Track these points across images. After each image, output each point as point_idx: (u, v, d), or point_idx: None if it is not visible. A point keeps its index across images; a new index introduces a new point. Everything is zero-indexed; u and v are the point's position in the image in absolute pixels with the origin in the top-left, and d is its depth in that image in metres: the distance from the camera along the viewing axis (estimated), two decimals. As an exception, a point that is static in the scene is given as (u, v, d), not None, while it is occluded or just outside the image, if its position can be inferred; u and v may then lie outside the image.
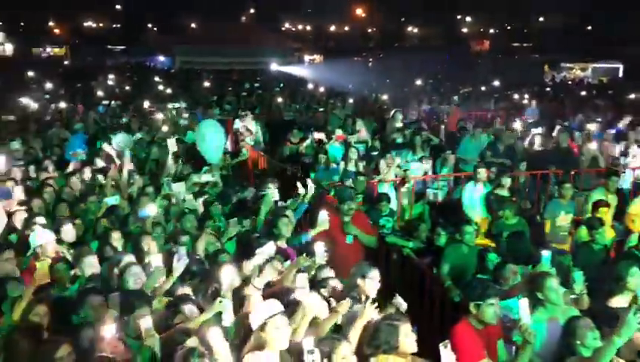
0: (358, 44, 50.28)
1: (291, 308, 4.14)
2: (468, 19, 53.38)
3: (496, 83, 24.41)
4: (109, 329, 3.77)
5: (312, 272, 5.00)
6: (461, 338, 4.05)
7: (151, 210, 6.29)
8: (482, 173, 8.12)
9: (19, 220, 6.31)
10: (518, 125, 12.65)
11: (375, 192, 8.22)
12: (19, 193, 7.03)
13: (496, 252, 6.08)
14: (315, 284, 4.75)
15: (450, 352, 3.65)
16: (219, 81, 24.98)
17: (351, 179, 8.49)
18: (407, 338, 3.72)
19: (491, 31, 51.97)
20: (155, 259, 4.92)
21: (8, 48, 46.21)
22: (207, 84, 23.05)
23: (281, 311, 3.73)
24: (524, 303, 4.04)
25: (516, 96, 20.37)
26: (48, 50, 47.22)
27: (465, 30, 53.73)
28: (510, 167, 9.60)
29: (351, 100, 17.66)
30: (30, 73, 23.64)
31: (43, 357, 3.70)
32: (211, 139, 9.53)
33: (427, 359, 3.87)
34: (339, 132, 11.29)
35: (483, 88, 23.77)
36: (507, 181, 7.99)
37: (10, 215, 6.47)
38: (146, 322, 3.88)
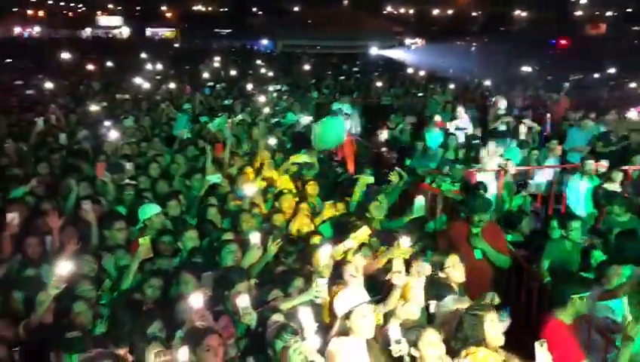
0: (462, 27, 48.65)
1: (384, 293, 4.13)
2: (583, 1, 49.97)
3: (612, 70, 22.73)
4: (197, 302, 3.91)
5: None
6: (556, 338, 3.86)
7: (249, 189, 6.48)
8: (589, 165, 7.64)
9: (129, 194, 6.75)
10: (634, 115, 11.74)
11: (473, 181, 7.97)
12: (130, 168, 7.49)
13: (603, 249, 5.72)
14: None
15: (547, 352, 3.48)
16: (318, 65, 25.18)
17: (448, 166, 8.29)
18: (493, 328, 3.57)
19: (608, 13, 48.38)
20: (253, 237, 5.06)
21: (125, 31, 49.24)
22: (307, 67, 23.32)
23: (366, 300, 3.71)
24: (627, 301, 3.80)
25: (633, 85, 18.89)
26: (160, 33, 49.78)
27: (579, 13, 50.37)
28: (623, 160, 8.95)
29: (452, 86, 17.19)
30: (143, 55, 25.04)
31: (139, 329, 3.95)
32: (332, 134, 9.62)
33: (523, 359, 3.67)
34: (438, 118, 11.04)
35: (596, 75, 22.23)
36: (618, 175, 7.46)
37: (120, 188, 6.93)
38: (243, 300, 3.99)
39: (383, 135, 11.10)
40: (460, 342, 3.59)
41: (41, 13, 56.07)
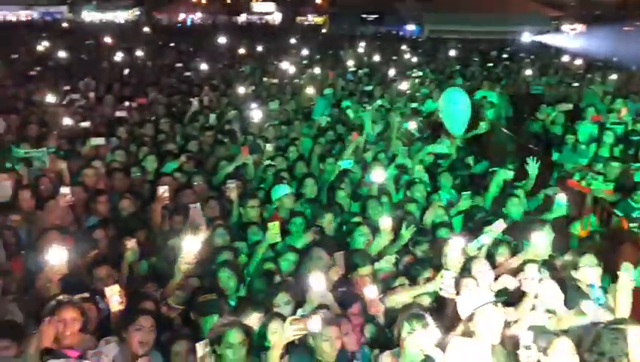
0: (632, 12, 43.99)
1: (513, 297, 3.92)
2: None
3: None
4: (318, 284, 3.98)
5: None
6: None
7: (378, 176, 6.44)
8: None
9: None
10: None
11: (631, 181, 7.24)
12: (269, 150, 7.81)
13: None
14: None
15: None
16: (465, 51, 24.28)
17: (602, 164, 7.60)
18: (638, 344, 3.25)
19: None
20: (384, 222, 5.04)
21: (277, 17, 51.26)
22: (452, 53, 22.60)
23: (491, 301, 3.53)
24: None
25: None
26: (310, 18, 51.06)
27: None
28: None
29: (614, 76, 15.66)
30: (292, 40, 25.87)
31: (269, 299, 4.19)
32: (456, 111, 9.35)
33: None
34: (592, 111, 10.14)
35: None
36: None
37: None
38: (371, 291, 4.08)
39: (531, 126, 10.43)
40: (595, 355, 3.29)
41: (203, 0, 60.24)
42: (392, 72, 16.01)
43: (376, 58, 20.42)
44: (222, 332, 3.46)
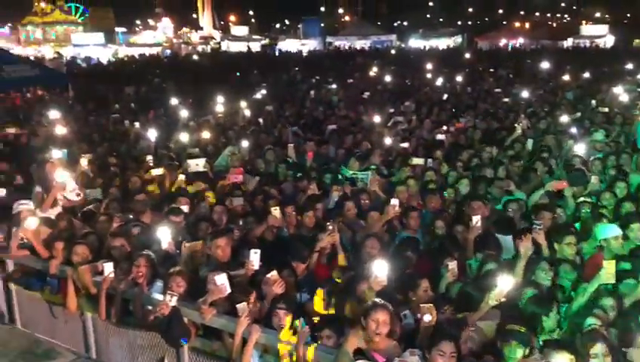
0: None
1: None
2: None
3: None
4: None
5: None
6: None
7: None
8: None
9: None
10: None
11: None
12: (594, 182, 7.24)
13: None
14: None
15: None
16: None
17: None
18: None
19: None
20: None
21: (609, 40, 46.81)
22: None
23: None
24: None
25: None
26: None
27: None
28: None
29: None
30: (629, 65, 23.21)
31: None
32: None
33: None
34: None
35: None
36: None
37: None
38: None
39: None
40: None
41: (527, 25, 58.81)
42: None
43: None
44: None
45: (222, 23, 66.24)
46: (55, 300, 5.68)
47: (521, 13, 70.87)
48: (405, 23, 79.35)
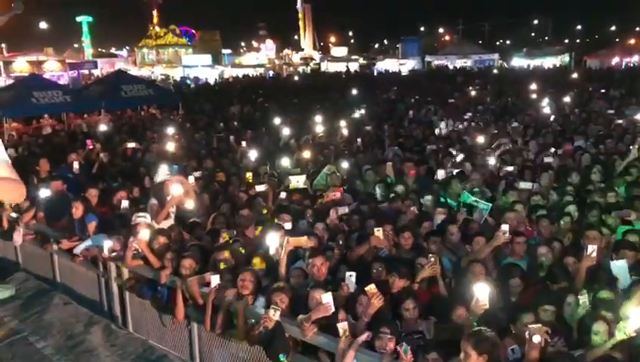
0: None
1: None
2: None
3: None
4: None
5: None
6: None
7: None
8: None
9: None
10: None
11: None
12: None
13: None
14: None
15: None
16: None
17: None
18: None
19: None
20: None
21: None
22: None
23: None
24: None
25: None
26: None
27: None
28: None
29: None
30: None
31: None
32: None
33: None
34: None
35: None
36: None
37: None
38: None
39: None
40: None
41: (642, 42, 55.13)
42: None
43: None
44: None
45: (322, 44, 67.69)
46: (165, 309, 5.98)
47: (637, 29, 66.52)
48: (508, 42, 77.16)
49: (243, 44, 78.09)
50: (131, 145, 11.46)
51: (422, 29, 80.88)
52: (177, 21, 63.44)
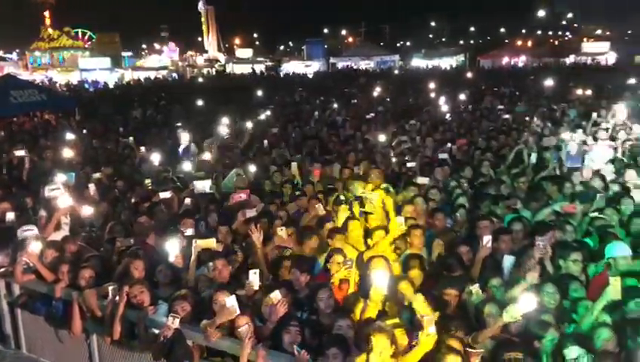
0: None
1: None
2: None
3: None
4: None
5: None
6: None
7: None
8: None
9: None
10: None
11: None
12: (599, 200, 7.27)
13: None
14: None
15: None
16: None
17: None
18: None
19: None
20: None
21: (611, 57, 47.06)
22: None
23: None
24: None
25: None
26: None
27: None
28: None
29: None
30: (631, 80, 23.37)
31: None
32: None
33: None
34: None
35: None
36: None
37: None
38: None
39: None
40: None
41: (529, 43, 59.18)
42: None
43: None
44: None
45: (227, 45, 66.86)
46: (61, 324, 5.68)
47: (523, 31, 71.31)
48: (408, 43, 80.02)
49: (144, 46, 75.61)
50: (19, 153, 10.68)
51: (325, 30, 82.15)
52: (73, 22, 60.44)
